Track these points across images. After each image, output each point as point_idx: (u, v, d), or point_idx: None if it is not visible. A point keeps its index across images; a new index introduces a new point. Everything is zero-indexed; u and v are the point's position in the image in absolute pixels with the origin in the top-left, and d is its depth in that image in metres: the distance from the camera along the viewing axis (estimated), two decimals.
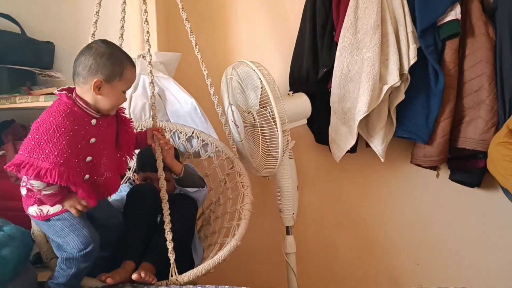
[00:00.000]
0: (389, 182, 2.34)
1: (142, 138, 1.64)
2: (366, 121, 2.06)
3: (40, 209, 1.40)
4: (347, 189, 2.38)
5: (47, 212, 1.39)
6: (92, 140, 1.37)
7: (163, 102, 2.00)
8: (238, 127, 1.99)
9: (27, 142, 1.33)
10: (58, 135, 1.30)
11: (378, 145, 2.06)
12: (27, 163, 1.29)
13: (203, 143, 2.01)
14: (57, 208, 1.39)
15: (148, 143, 1.65)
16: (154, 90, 1.71)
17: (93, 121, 1.38)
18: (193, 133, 2.00)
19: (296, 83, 2.17)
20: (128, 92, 1.95)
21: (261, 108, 1.84)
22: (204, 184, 1.80)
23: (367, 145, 2.14)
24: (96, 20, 1.78)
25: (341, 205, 2.39)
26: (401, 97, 2.03)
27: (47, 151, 1.29)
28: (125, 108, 1.58)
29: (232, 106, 2.00)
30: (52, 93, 2.12)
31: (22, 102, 2.06)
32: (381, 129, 2.05)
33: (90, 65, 1.36)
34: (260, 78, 1.82)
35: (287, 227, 2.09)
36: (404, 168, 2.29)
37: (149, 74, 1.72)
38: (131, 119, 1.58)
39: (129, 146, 1.54)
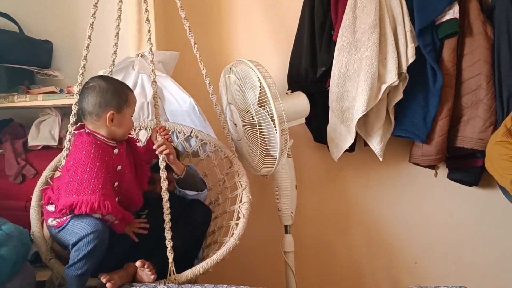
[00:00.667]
0: (388, 181, 2.34)
1: (151, 148, 1.67)
2: (364, 120, 2.06)
3: (59, 219, 1.47)
4: (346, 188, 2.38)
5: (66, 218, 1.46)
6: (119, 167, 1.53)
7: (161, 101, 2.00)
8: (236, 126, 1.99)
9: (70, 184, 1.44)
10: (96, 169, 1.45)
11: (376, 144, 2.06)
12: (77, 202, 1.40)
13: (202, 142, 2.00)
14: None
15: (152, 141, 1.66)
16: (156, 89, 1.71)
17: (115, 151, 1.54)
18: (191, 132, 2.00)
19: (295, 82, 2.17)
20: None
21: (259, 107, 1.84)
22: (204, 187, 1.79)
23: (366, 144, 2.14)
24: (93, 22, 1.78)
25: (339, 204, 2.40)
26: (399, 96, 2.04)
27: (91, 186, 1.42)
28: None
29: (230, 105, 2.00)
30: (51, 92, 2.12)
31: (20, 101, 2.05)
32: (379, 128, 2.05)
33: (99, 102, 1.51)
34: (258, 77, 1.82)
35: (286, 226, 2.09)
36: (403, 167, 2.29)
37: (151, 73, 1.71)
38: (137, 139, 1.69)
39: (141, 163, 1.67)
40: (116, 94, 1.52)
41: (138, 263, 1.50)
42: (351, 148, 2.12)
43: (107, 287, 1.42)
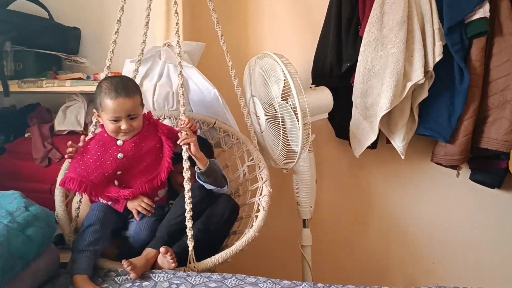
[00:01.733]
0: (409, 180, 2.33)
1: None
2: (388, 118, 2.05)
3: None
4: (366, 185, 2.38)
5: None
6: (120, 155, 1.63)
7: (186, 91, 2.02)
8: (259, 119, 2.00)
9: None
10: (88, 156, 1.62)
11: (399, 142, 2.05)
12: (67, 177, 1.61)
13: (225, 134, 2.02)
14: None
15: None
16: (182, 80, 1.72)
17: (119, 142, 1.64)
18: (214, 124, 2.02)
19: (319, 77, 2.16)
20: (152, 81, 1.99)
21: (282, 100, 1.85)
22: (225, 184, 1.76)
23: (388, 142, 2.13)
24: (123, 6, 1.80)
25: (358, 200, 2.39)
26: (424, 94, 2.02)
27: (77, 168, 1.61)
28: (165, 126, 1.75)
29: (254, 97, 2.01)
30: (78, 78, 2.16)
31: (49, 86, 2.09)
32: (402, 126, 2.04)
33: (95, 100, 1.65)
34: (283, 70, 1.83)
35: (304, 220, 2.10)
36: (424, 166, 2.27)
37: (178, 65, 1.73)
38: (171, 145, 1.69)
39: (159, 155, 1.69)
40: (97, 96, 1.62)
41: (162, 249, 1.52)
42: (373, 145, 2.11)
43: (131, 276, 1.45)
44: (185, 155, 1.65)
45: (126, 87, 1.60)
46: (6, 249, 1.29)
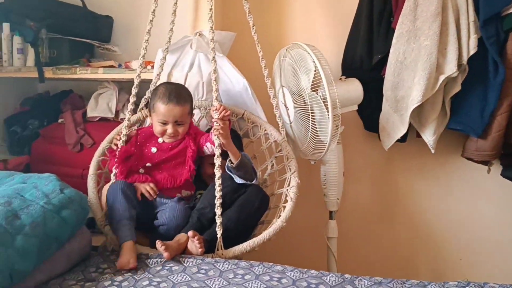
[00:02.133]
0: (438, 174, 2.30)
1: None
2: (418, 111, 2.02)
3: None
4: (394, 179, 2.36)
5: None
6: (153, 149, 1.79)
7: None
8: (288, 109, 2.00)
9: None
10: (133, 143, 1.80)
11: (429, 135, 2.02)
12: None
13: (253, 125, 2.03)
14: None
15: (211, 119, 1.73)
16: (215, 66, 1.73)
17: (160, 140, 1.80)
18: (243, 114, 2.03)
19: (349, 68, 2.15)
20: (183, 71, 2.00)
21: (312, 91, 1.84)
22: (254, 177, 1.77)
23: (418, 135, 2.10)
24: (155, 8, 1.83)
25: (386, 194, 2.38)
26: (457, 88, 1.98)
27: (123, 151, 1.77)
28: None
29: (283, 88, 2.01)
30: (110, 66, 2.20)
31: (82, 73, 2.14)
32: (434, 119, 2.01)
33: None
34: (314, 61, 1.82)
35: (331, 212, 2.10)
36: (454, 161, 2.24)
37: (211, 51, 1.74)
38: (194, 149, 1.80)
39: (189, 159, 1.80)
40: (152, 98, 1.78)
41: (190, 233, 1.55)
42: (403, 139, 2.09)
43: (164, 256, 1.48)
44: (216, 142, 1.66)
45: (178, 95, 1.74)
46: (42, 229, 1.34)
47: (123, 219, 1.60)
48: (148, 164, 1.78)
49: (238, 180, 1.72)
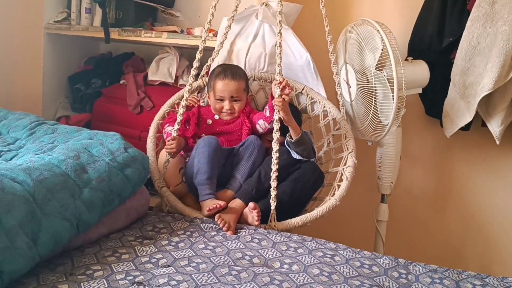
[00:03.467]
0: (499, 167, 2.20)
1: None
2: (487, 99, 1.93)
3: None
4: (451, 168, 2.28)
5: None
6: (209, 121, 1.85)
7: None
8: (350, 87, 1.96)
9: None
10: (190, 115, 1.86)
11: (496, 126, 1.93)
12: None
13: (312, 101, 2.00)
14: None
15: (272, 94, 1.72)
16: (281, 39, 1.71)
17: (216, 117, 1.85)
18: (303, 89, 2.00)
19: (417, 49, 2.07)
20: (247, 41, 1.99)
21: (377, 70, 1.79)
22: (313, 156, 1.76)
23: (483, 125, 2.02)
24: None
25: (440, 182, 2.31)
26: None
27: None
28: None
29: (347, 65, 1.96)
30: (173, 31, 2.21)
31: (147, 36, 2.17)
32: (502, 109, 1.92)
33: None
34: (382, 39, 1.77)
35: (383, 195, 2.07)
36: None
37: (278, 24, 1.72)
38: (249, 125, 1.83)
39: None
40: (210, 79, 1.85)
41: (251, 205, 1.57)
42: (467, 127, 2.01)
43: (228, 234, 1.48)
44: (276, 116, 1.66)
45: (234, 72, 1.82)
46: (107, 185, 1.38)
47: (206, 179, 1.63)
48: (202, 135, 1.80)
49: (296, 155, 1.72)
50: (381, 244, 2.07)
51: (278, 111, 1.65)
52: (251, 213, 1.56)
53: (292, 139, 1.70)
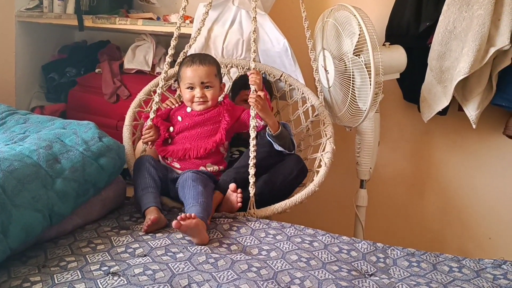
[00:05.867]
0: (476, 151, 2.23)
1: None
2: (463, 84, 1.95)
3: None
4: (429, 152, 2.30)
5: None
6: (179, 118, 1.74)
7: (256, 40, 1.98)
8: (328, 73, 1.95)
9: None
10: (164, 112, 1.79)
11: (472, 110, 1.95)
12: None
13: (290, 87, 1.99)
14: None
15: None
16: (255, 25, 1.69)
17: (188, 109, 1.74)
18: (281, 76, 1.99)
19: (394, 35, 2.06)
20: (224, 27, 1.96)
21: (355, 56, 1.79)
22: (293, 149, 1.73)
23: (460, 109, 2.03)
24: None
25: (418, 166, 2.34)
26: (507, 62, 1.89)
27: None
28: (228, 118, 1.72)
29: (325, 50, 1.95)
30: (149, 18, 2.17)
31: (121, 23, 2.12)
32: (478, 93, 1.93)
33: None
34: (359, 24, 1.76)
35: (362, 181, 2.08)
36: (494, 138, 2.16)
37: (252, 10, 1.69)
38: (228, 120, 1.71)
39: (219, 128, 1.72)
40: (178, 70, 1.76)
41: (231, 186, 1.55)
42: (444, 111, 2.02)
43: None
44: (252, 113, 1.63)
45: (202, 58, 1.73)
46: (81, 174, 1.35)
47: (149, 187, 1.54)
48: (171, 129, 1.73)
49: (277, 147, 1.70)
50: (360, 230, 2.09)
51: (253, 108, 1.63)
52: (232, 195, 1.55)
53: (271, 133, 1.68)
